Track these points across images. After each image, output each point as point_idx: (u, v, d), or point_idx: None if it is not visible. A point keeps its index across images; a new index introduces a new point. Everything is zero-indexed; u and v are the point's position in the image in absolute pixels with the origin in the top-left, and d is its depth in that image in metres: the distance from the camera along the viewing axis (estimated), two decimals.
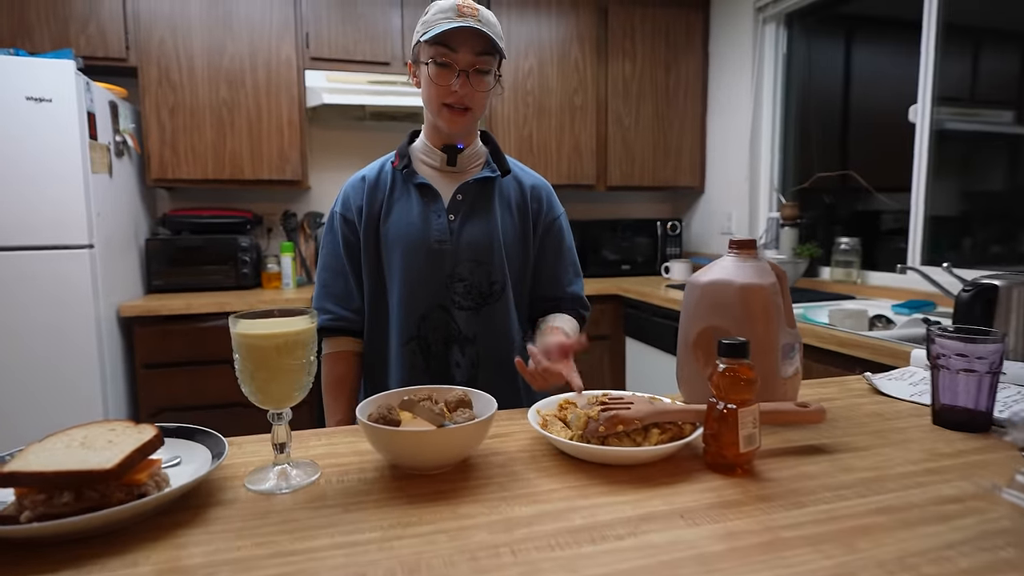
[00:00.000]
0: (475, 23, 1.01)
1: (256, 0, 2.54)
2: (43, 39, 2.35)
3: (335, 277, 1.17)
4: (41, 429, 2.01)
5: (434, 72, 1.05)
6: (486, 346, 1.14)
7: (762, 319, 0.86)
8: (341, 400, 1.15)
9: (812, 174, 2.68)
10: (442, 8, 1.04)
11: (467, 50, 1.03)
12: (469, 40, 1.03)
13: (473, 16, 1.03)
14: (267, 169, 2.62)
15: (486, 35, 1.03)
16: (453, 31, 1.01)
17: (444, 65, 1.04)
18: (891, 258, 2.32)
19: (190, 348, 2.30)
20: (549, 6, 2.91)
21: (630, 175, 3.12)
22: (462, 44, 1.03)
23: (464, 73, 1.04)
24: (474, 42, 1.03)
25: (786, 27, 2.82)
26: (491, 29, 1.04)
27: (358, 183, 1.17)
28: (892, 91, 2.33)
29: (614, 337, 2.85)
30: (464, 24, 1.01)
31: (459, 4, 1.03)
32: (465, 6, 1.03)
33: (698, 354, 0.93)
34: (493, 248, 1.13)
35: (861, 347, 1.52)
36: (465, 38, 1.03)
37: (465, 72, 1.04)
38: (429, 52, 1.05)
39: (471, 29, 1.01)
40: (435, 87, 1.06)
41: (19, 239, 1.96)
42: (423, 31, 1.05)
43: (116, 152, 2.30)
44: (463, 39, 1.03)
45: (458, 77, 1.04)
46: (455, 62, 1.04)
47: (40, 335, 2.00)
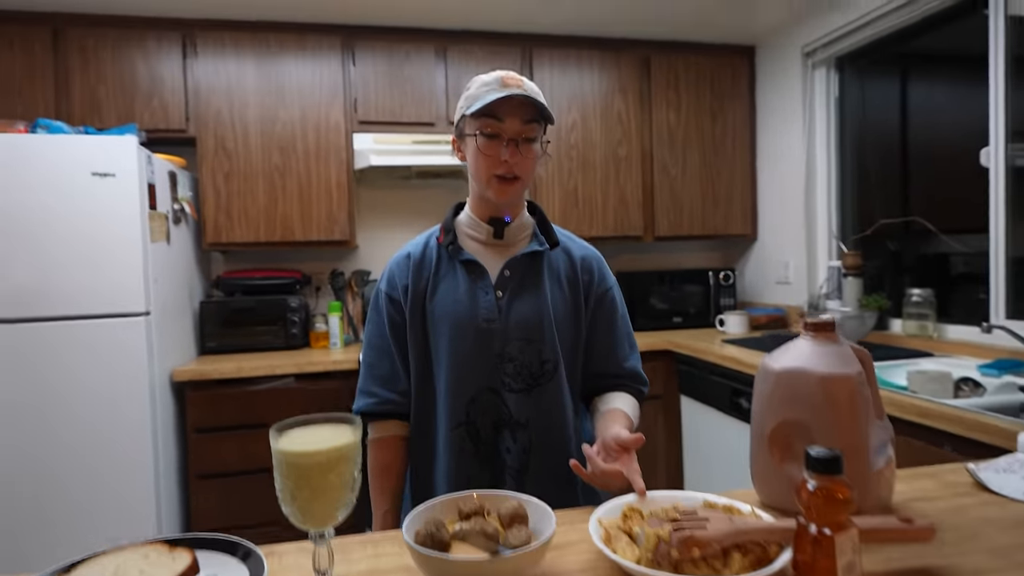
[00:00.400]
0: (520, 92, 1.00)
1: (307, 69, 2.63)
2: (111, 115, 2.47)
3: (381, 358, 1.13)
4: (91, 495, 2.02)
5: (483, 143, 1.03)
6: (538, 430, 1.07)
7: (849, 414, 0.77)
8: (388, 489, 1.10)
9: (872, 219, 2.55)
10: (486, 81, 1.03)
11: (514, 119, 1.02)
12: (516, 109, 1.01)
13: (518, 86, 1.02)
14: (316, 230, 2.66)
15: (533, 102, 1.01)
16: (500, 101, 1.00)
17: (492, 136, 1.02)
18: (969, 308, 2.16)
19: (240, 412, 2.30)
20: (591, 60, 2.92)
21: (678, 225, 3.05)
22: (509, 113, 1.01)
23: (513, 142, 1.02)
24: (521, 111, 1.02)
25: (837, 70, 2.74)
26: (538, 97, 1.03)
27: (403, 261, 1.14)
28: (953, 128, 2.21)
29: (667, 395, 2.73)
30: (510, 93, 0.99)
31: (503, 76, 1.03)
32: (509, 77, 1.03)
33: (774, 450, 0.84)
34: (543, 325, 1.08)
35: (950, 420, 1.38)
36: (512, 107, 1.01)
37: (514, 141, 1.02)
38: (476, 124, 1.03)
39: (517, 98, 1.00)
40: (484, 158, 1.04)
41: (78, 308, 2.01)
42: (467, 105, 1.04)
43: (174, 219, 2.38)
44: (510, 108, 1.01)
45: (507, 146, 1.02)
46: (503, 132, 1.02)
47: (94, 401, 2.03)
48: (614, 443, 0.90)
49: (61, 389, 2.01)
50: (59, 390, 2.00)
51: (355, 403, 1.13)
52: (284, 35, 2.61)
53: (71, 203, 2.00)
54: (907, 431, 1.50)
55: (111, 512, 2.05)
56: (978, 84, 2.09)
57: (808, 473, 0.63)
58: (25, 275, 1.97)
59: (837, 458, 0.61)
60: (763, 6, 2.67)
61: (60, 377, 2.00)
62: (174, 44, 2.52)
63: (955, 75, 2.25)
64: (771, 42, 2.99)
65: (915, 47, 2.40)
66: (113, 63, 2.47)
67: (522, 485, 1.06)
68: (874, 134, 2.60)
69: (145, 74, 2.50)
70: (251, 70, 2.58)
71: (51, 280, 1.99)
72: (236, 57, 2.57)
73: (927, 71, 2.39)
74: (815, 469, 0.62)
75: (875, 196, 2.61)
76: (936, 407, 1.42)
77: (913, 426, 1.48)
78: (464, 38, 2.79)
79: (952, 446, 1.39)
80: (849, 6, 2.48)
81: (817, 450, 0.62)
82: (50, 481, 2.00)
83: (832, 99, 2.76)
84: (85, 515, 2.03)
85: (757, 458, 0.87)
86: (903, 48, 2.44)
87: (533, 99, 1.01)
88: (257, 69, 2.58)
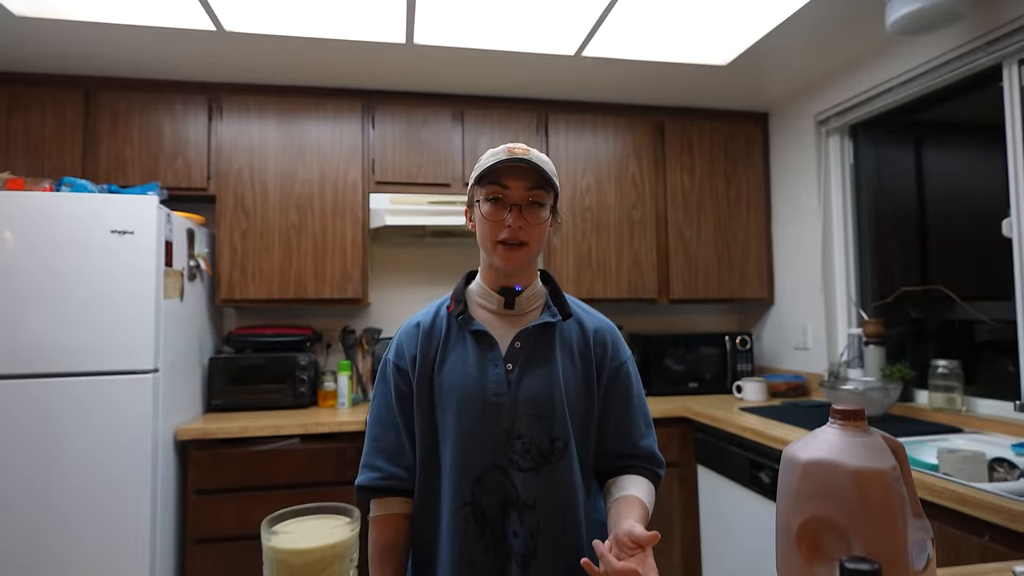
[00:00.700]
0: (524, 158, 1.01)
1: (327, 130, 2.70)
2: (135, 173, 2.54)
3: (386, 431, 1.09)
4: (84, 554, 1.96)
5: (487, 209, 1.03)
6: (546, 512, 1.01)
7: (884, 513, 0.71)
8: (389, 570, 1.04)
9: (891, 285, 2.51)
10: (494, 152, 1.05)
11: (519, 185, 1.02)
12: (521, 175, 1.02)
13: (524, 154, 1.02)
14: (329, 288, 2.66)
15: (536, 168, 1.02)
16: (503, 168, 1.01)
17: (496, 200, 1.03)
18: (997, 380, 2.08)
19: (243, 473, 2.25)
20: (606, 125, 2.97)
21: (694, 288, 3.01)
22: (513, 179, 1.02)
23: (516, 207, 1.02)
24: (525, 177, 1.03)
25: (851, 138, 2.76)
26: (543, 165, 1.03)
27: (412, 330, 1.11)
28: (970, 196, 2.19)
29: (683, 464, 2.63)
30: (514, 159, 1.00)
31: (510, 146, 1.04)
32: (516, 147, 1.04)
33: (802, 549, 0.77)
34: (554, 401, 1.04)
35: (990, 509, 1.29)
36: (516, 173, 1.02)
37: (518, 206, 1.02)
38: (482, 192, 1.04)
39: (521, 164, 1.01)
40: (489, 224, 1.03)
41: (87, 365, 2.00)
42: (476, 174, 1.05)
43: (189, 276, 2.39)
44: (514, 174, 1.02)
45: (510, 211, 1.02)
46: (507, 197, 1.03)
47: (94, 459, 1.99)
48: (628, 539, 0.85)
49: (62, 445, 1.97)
50: (59, 446, 1.97)
51: (358, 477, 1.08)
52: (307, 98, 2.69)
53: (89, 260, 2.02)
54: (942, 518, 1.41)
55: (105, 572, 1.97)
56: (994, 152, 2.08)
57: None
58: (37, 331, 1.97)
59: (876, 572, 0.56)
60: (774, 76, 2.72)
61: (63, 433, 1.97)
62: (200, 107, 2.60)
63: (971, 143, 2.25)
64: (784, 110, 3.02)
65: (930, 116, 2.41)
66: (141, 124, 2.55)
67: (528, 572, 0.99)
68: (891, 200, 2.59)
69: (171, 135, 2.57)
70: (273, 131, 2.65)
71: (62, 336, 1.99)
72: (259, 119, 2.64)
73: (942, 139, 2.39)
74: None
75: (894, 262, 2.57)
76: (975, 493, 1.34)
77: (948, 512, 1.40)
78: (481, 103, 2.86)
79: (991, 536, 1.31)
80: (860, 78, 2.52)
81: (854, 562, 0.57)
82: (43, 536, 1.95)
83: (847, 165, 2.76)
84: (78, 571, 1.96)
85: (785, 557, 0.80)
86: (917, 117, 2.46)
87: (536, 165, 1.01)
88: (279, 130, 2.65)
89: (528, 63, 2.52)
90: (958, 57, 2.12)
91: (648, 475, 1.09)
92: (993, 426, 1.95)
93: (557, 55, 2.45)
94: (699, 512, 2.59)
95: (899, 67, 2.33)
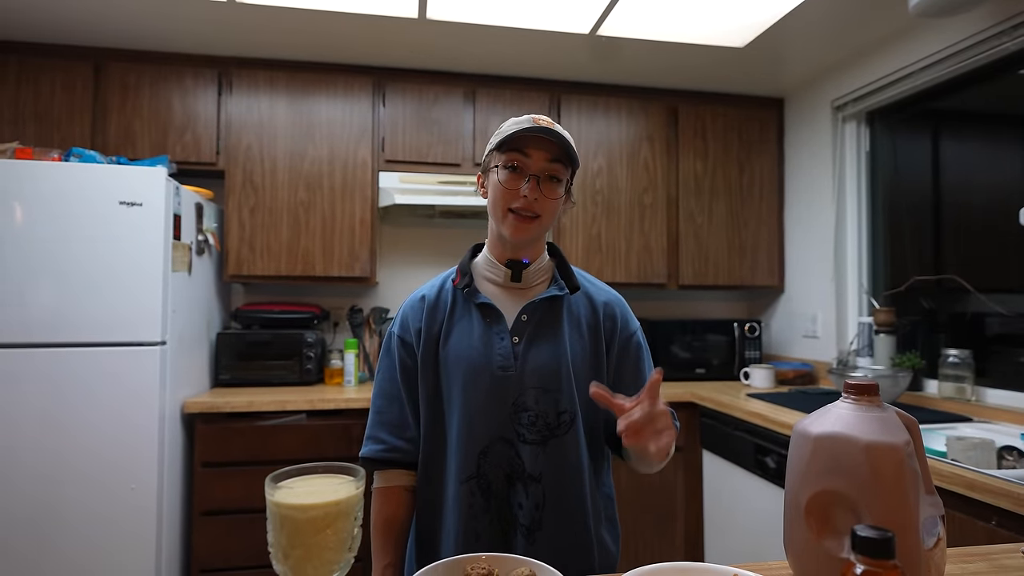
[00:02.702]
0: (550, 130, 0.99)
1: (338, 108, 2.68)
2: (144, 147, 2.53)
3: (390, 403, 1.08)
4: (91, 525, 1.98)
5: (504, 176, 1.01)
6: (552, 486, 1.01)
7: (896, 488, 0.70)
8: (390, 542, 1.04)
9: (905, 274, 2.47)
10: (517, 120, 1.03)
11: (540, 156, 1.00)
12: (543, 145, 1.00)
13: (549, 125, 1.00)
14: (337, 266, 2.66)
15: (560, 140, 0.99)
16: (528, 135, 0.99)
17: (515, 169, 1.01)
18: (1008, 371, 2.05)
19: (249, 448, 2.26)
20: (619, 108, 2.93)
21: (703, 274, 2.99)
22: (536, 149, 1.00)
23: (535, 178, 1.00)
24: (548, 148, 1.00)
25: (867, 125, 2.71)
26: (566, 137, 1.01)
27: (417, 303, 1.10)
28: (988, 186, 2.15)
29: (689, 448, 2.62)
30: (539, 128, 0.98)
31: (535, 117, 1.02)
32: (541, 118, 1.01)
33: (811, 522, 0.76)
34: (561, 374, 1.03)
35: (998, 494, 1.28)
36: (539, 143, 1.00)
37: (536, 177, 1.00)
38: (501, 159, 1.02)
39: (545, 134, 0.99)
40: (504, 191, 1.02)
41: (95, 336, 2.01)
42: (496, 140, 1.03)
43: (197, 250, 2.39)
44: (537, 144, 1.00)
45: (528, 182, 1.00)
46: (527, 167, 1.01)
47: (102, 430, 2.00)
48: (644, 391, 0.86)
49: (70, 416, 1.99)
50: (67, 417, 1.98)
51: (362, 449, 1.08)
52: (317, 75, 2.67)
53: (97, 231, 2.02)
54: (951, 503, 1.40)
55: (110, 544, 1.99)
56: (1013, 142, 2.04)
57: (855, 555, 0.56)
58: (45, 301, 1.98)
59: (889, 540, 0.55)
60: (792, 60, 2.67)
61: (70, 404, 1.99)
62: (210, 81, 2.59)
63: (989, 133, 2.20)
64: (800, 95, 2.98)
65: (948, 104, 2.37)
66: (150, 97, 2.54)
67: (533, 544, 0.99)
68: (906, 189, 2.55)
69: (180, 108, 2.56)
70: (283, 107, 2.63)
71: (70, 306, 2.00)
72: (269, 95, 2.62)
73: (960, 128, 2.35)
74: (864, 551, 0.55)
75: (908, 252, 2.54)
76: (984, 479, 1.33)
77: (957, 497, 1.38)
78: (493, 82, 2.83)
79: (998, 520, 1.30)
80: (879, 63, 2.47)
81: (866, 530, 0.56)
82: (50, 509, 1.96)
83: (863, 153, 2.72)
84: (83, 545, 1.98)
85: (791, 529, 0.80)
86: (936, 105, 2.41)
87: (561, 136, 0.99)
88: (289, 107, 2.64)
89: (542, 41, 2.49)
90: (980, 42, 2.07)
91: None
92: (1003, 415, 1.93)
93: (572, 33, 2.41)
94: (703, 496, 2.59)
95: (919, 52, 2.29)
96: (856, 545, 0.56)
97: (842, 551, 0.73)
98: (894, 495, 0.70)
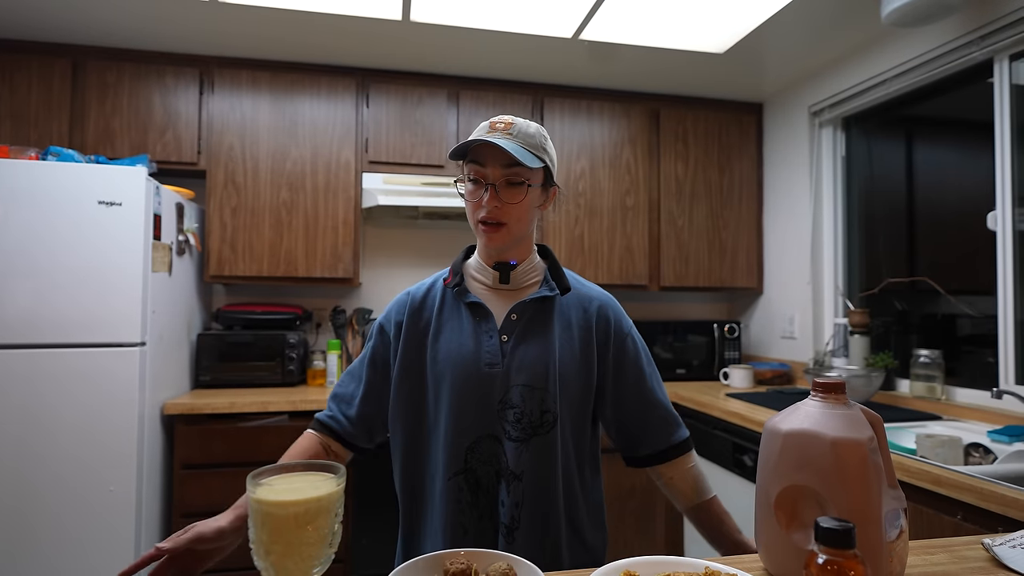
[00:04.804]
0: (499, 137, 0.99)
1: (321, 109, 2.68)
2: (124, 146, 2.51)
3: (349, 380, 1.14)
4: (69, 528, 1.96)
5: (467, 189, 1.04)
6: (531, 484, 1.02)
7: (860, 481, 0.73)
8: None
9: (879, 276, 2.54)
10: (480, 127, 1.04)
11: (494, 164, 1.01)
12: (495, 152, 1.01)
13: (503, 130, 1.01)
14: (320, 267, 2.65)
15: (508, 146, 0.98)
16: (478, 147, 1.01)
17: (475, 181, 1.03)
18: (977, 371, 2.11)
19: (230, 449, 2.25)
20: (601, 110, 2.97)
21: (684, 275, 3.03)
22: (489, 159, 1.01)
23: (492, 187, 1.01)
24: (500, 154, 1.01)
25: (844, 130, 2.77)
26: (523, 141, 1.01)
27: (402, 299, 1.14)
28: (959, 191, 2.22)
29: None
30: (487, 139, 0.99)
31: (492, 121, 1.03)
32: (497, 121, 1.02)
33: (780, 516, 0.79)
34: (548, 373, 1.05)
35: (964, 489, 1.32)
36: (490, 152, 1.01)
37: (492, 186, 1.01)
38: (465, 170, 1.05)
39: (493, 143, 0.98)
40: (469, 204, 1.05)
41: (73, 336, 1.99)
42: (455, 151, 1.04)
43: (178, 251, 2.37)
44: (489, 153, 1.01)
45: (486, 191, 1.01)
46: (485, 177, 1.02)
47: (80, 432, 1.99)
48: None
49: (47, 418, 1.96)
50: (44, 419, 1.96)
51: None
52: (301, 75, 2.66)
53: (76, 231, 2.00)
54: (918, 498, 1.44)
55: (88, 547, 1.97)
56: (983, 148, 2.10)
57: (818, 546, 0.59)
58: (23, 301, 1.96)
59: (849, 531, 0.58)
60: (770, 67, 2.72)
61: (48, 405, 1.96)
62: (191, 80, 2.57)
63: (960, 139, 2.27)
64: (778, 100, 3.03)
65: (921, 111, 2.43)
66: (130, 96, 2.52)
67: (512, 543, 1.01)
68: (881, 193, 2.61)
69: (160, 107, 2.54)
70: (266, 107, 2.62)
71: (48, 307, 1.97)
72: (252, 94, 2.61)
73: (933, 134, 2.41)
74: (825, 542, 0.58)
75: (882, 254, 2.60)
76: (950, 475, 1.37)
77: (924, 493, 1.43)
78: (477, 84, 2.85)
79: (964, 515, 1.34)
80: (854, 70, 2.53)
81: (828, 521, 0.58)
82: (27, 512, 1.94)
83: (839, 158, 2.78)
84: (60, 548, 1.95)
85: (762, 524, 0.82)
86: (909, 111, 2.47)
87: (507, 144, 0.98)
88: (272, 107, 2.63)
89: (525, 44, 2.51)
90: (951, 51, 2.13)
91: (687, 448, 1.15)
92: (971, 414, 1.99)
93: (554, 37, 2.44)
94: None
95: (892, 60, 2.35)
96: (819, 536, 0.59)
97: (809, 543, 0.76)
98: (858, 489, 0.73)
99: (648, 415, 1.13)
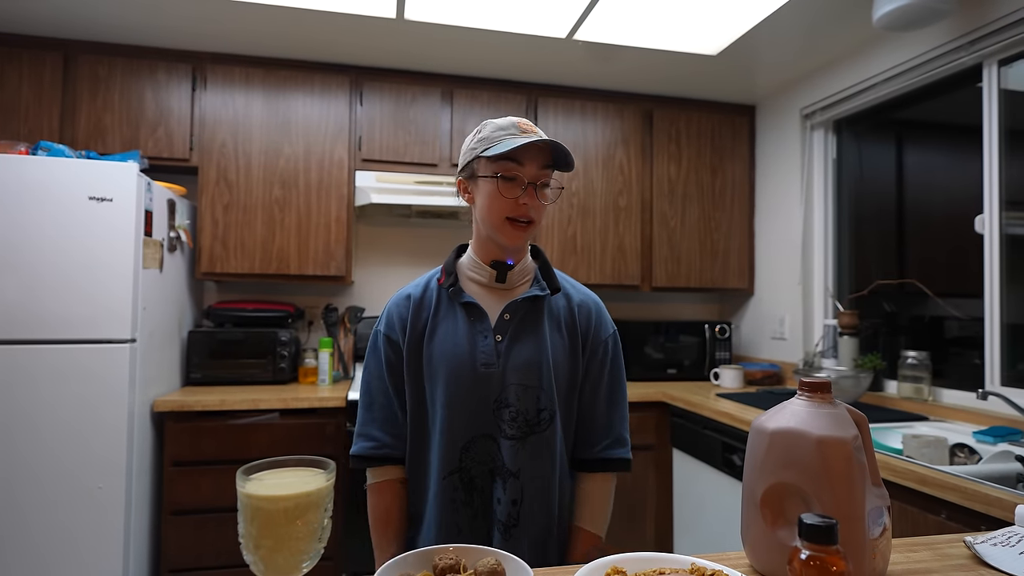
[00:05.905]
0: (548, 140, 1.03)
1: (315, 106, 2.67)
2: (115, 141, 2.49)
3: (379, 400, 1.10)
4: (58, 524, 1.95)
5: (503, 186, 1.03)
6: (528, 481, 1.04)
7: (844, 479, 0.74)
8: (390, 535, 1.06)
9: (869, 278, 2.56)
10: (501, 126, 1.05)
11: (533, 164, 1.03)
12: (536, 154, 1.03)
13: (535, 132, 1.04)
14: (312, 265, 2.65)
15: (553, 148, 1.03)
16: (522, 147, 1.01)
17: (511, 179, 1.03)
18: (964, 373, 2.14)
19: (220, 446, 2.24)
20: (595, 111, 2.98)
21: (676, 276, 3.05)
22: (530, 159, 1.03)
23: (531, 186, 1.03)
24: (541, 156, 1.04)
25: (835, 133, 2.80)
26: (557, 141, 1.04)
27: (403, 301, 1.12)
28: (948, 194, 2.24)
29: (659, 447, 2.67)
30: (531, 139, 1.01)
31: (518, 122, 1.05)
32: (524, 123, 1.05)
33: (766, 513, 0.80)
34: (542, 372, 1.06)
35: (948, 488, 1.34)
36: (533, 153, 1.03)
37: (532, 185, 1.03)
38: (492, 167, 1.04)
39: (538, 144, 1.02)
40: (501, 201, 1.04)
41: (63, 332, 1.98)
42: (484, 148, 1.04)
43: (169, 247, 2.36)
44: (531, 154, 1.03)
45: (524, 190, 1.03)
46: (522, 175, 1.03)
47: (70, 428, 1.98)
48: None
49: (35, 414, 1.95)
50: (33, 415, 1.95)
51: (353, 447, 1.10)
52: (294, 72, 2.66)
53: (66, 226, 1.99)
54: (903, 497, 1.46)
55: (76, 544, 1.96)
56: (971, 152, 2.12)
57: (801, 541, 0.60)
58: (12, 296, 1.94)
59: (832, 527, 0.59)
60: (762, 69, 2.74)
61: (36, 402, 1.95)
62: (184, 75, 2.56)
63: (949, 143, 2.29)
64: (771, 103, 3.05)
65: (911, 114, 2.45)
66: (121, 91, 2.51)
67: (509, 540, 1.02)
68: (871, 196, 2.63)
69: (152, 103, 2.53)
70: (259, 104, 2.62)
71: (38, 303, 1.96)
72: (245, 91, 2.61)
73: (922, 138, 2.44)
74: (808, 538, 0.59)
75: (871, 256, 2.62)
76: (935, 474, 1.39)
77: (909, 492, 1.44)
78: (471, 83, 2.85)
79: (948, 514, 1.36)
80: (846, 73, 2.55)
81: (811, 518, 0.59)
82: (15, 510, 1.93)
83: (830, 160, 2.80)
84: (49, 545, 1.94)
85: (748, 521, 0.83)
86: (899, 115, 2.50)
87: (554, 145, 1.02)
88: (264, 103, 2.62)
89: (519, 44, 2.52)
90: (941, 56, 2.15)
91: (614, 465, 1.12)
92: (957, 415, 2.01)
93: (548, 37, 2.44)
94: (673, 492, 2.64)
95: (883, 64, 2.37)
96: (802, 532, 0.60)
97: (793, 540, 0.77)
98: (842, 486, 0.74)
99: (591, 423, 1.13)
